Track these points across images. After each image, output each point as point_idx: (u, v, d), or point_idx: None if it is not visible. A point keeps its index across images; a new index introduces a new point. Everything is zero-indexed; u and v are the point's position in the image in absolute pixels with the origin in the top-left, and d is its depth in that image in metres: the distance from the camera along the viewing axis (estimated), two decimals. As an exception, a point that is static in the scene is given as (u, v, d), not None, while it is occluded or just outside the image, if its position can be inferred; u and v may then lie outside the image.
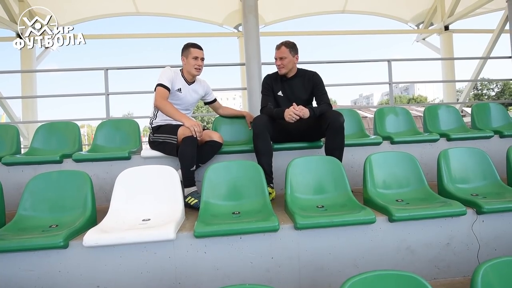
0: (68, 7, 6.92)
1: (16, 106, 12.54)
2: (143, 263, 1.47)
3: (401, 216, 1.56)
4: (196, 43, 2.31)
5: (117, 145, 2.66)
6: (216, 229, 1.45)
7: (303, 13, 8.22)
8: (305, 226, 1.50)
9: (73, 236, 1.48)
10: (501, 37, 6.19)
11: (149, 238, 1.43)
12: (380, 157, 1.97)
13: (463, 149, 2.09)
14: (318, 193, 1.85)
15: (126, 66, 4.25)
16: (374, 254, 1.59)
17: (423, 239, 1.63)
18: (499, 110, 3.21)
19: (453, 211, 1.60)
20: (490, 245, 1.68)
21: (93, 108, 60.66)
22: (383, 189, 1.89)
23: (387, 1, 7.98)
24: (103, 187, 2.31)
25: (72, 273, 1.45)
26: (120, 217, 1.65)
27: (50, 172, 1.81)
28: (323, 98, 2.34)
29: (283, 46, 2.31)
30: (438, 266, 1.63)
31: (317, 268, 1.55)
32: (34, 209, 1.69)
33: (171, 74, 2.23)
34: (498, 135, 2.81)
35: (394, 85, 4.29)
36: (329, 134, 2.14)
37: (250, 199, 1.79)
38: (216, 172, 1.85)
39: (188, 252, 1.50)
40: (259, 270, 1.52)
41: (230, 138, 2.66)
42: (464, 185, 1.97)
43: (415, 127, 3.00)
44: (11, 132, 2.61)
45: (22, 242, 1.39)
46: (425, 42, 8.40)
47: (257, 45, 4.49)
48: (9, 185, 2.24)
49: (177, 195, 1.75)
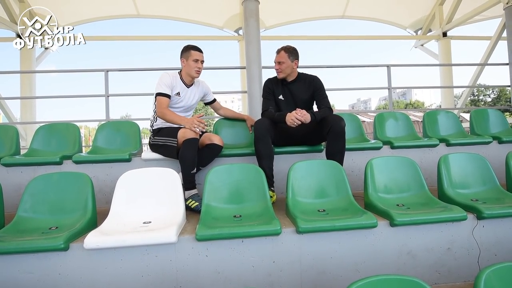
0: (68, 8, 6.92)
1: (15, 107, 12.48)
2: (144, 266, 1.46)
3: (402, 220, 1.57)
4: (197, 46, 2.31)
5: (118, 147, 2.65)
6: (218, 233, 1.45)
7: (303, 18, 8.27)
8: (307, 230, 1.50)
9: (73, 239, 1.47)
10: (498, 44, 6.25)
11: (150, 241, 1.42)
12: (381, 162, 1.97)
13: (463, 155, 2.10)
14: (319, 197, 1.85)
15: (127, 68, 4.25)
16: (376, 258, 1.59)
17: (424, 244, 1.64)
18: (498, 116, 3.24)
19: (454, 216, 1.61)
20: (490, 250, 1.68)
21: (91, 110, 60.50)
22: (384, 193, 1.90)
23: (386, 7, 8.04)
24: (103, 189, 2.30)
25: (72, 276, 1.43)
26: (121, 220, 1.64)
27: (50, 174, 1.80)
28: (323, 102, 2.35)
29: (283, 51, 2.32)
30: (439, 271, 1.63)
31: (319, 272, 1.54)
32: (34, 211, 1.68)
33: (169, 79, 2.23)
34: (497, 141, 2.84)
35: (391, 90, 4.32)
36: (330, 138, 2.15)
37: (252, 202, 1.79)
38: (217, 175, 1.85)
39: (190, 255, 1.49)
40: (260, 274, 1.51)
41: (231, 141, 2.66)
42: (464, 190, 1.98)
43: (415, 132, 3.02)
44: (10, 133, 2.59)
45: (22, 244, 1.38)
46: (423, 48, 8.47)
47: (258, 48, 4.52)
48: (8, 186, 2.22)
49: (178, 197, 1.74)
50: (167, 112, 2.14)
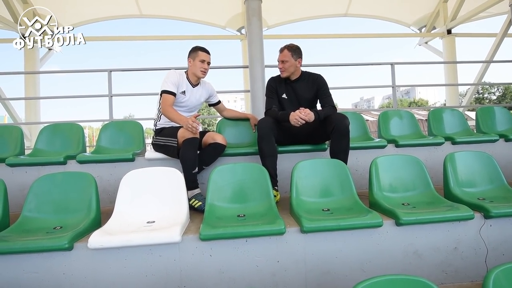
0: (72, 9, 6.96)
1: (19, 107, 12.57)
2: (148, 266, 1.46)
3: (408, 220, 1.55)
4: (205, 48, 2.34)
5: (121, 147, 2.66)
6: (222, 232, 1.44)
7: (306, 16, 8.24)
8: (311, 229, 1.49)
9: (77, 238, 1.47)
10: (504, 40, 6.18)
11: (154, 240, 1.42)
12: (386, 160, 1.95)
13: (470, 153, 2.07)
14: (323, 196, 1.83)
15: (130, 68, 4.25)
16: (381, 258, 1.58)
17: (430, 243, 1.61)
18: (504, 113, 3.19)
19: (461, 215, 1.59)
20: (498, 250, 1.65)
21: (95, 110, 60.87)
22: (389, 192, 1.88)
23: (389, 5, 7.99)
24: (107, 188, 2.30)
25: (76, 276, 1.43)
26: (125, 219, 1.64)
27: (54, 174, 1.80)
28: (327, 101, 2.33)
29: (286, 49, 2.31)
30: (445, 270, 1.61)
31: (324, 272, 1.53)
32: (38, 211, 1.68)
33: (176, 77, 2.24)
34: (504, 139, 2.80)
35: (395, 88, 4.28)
36: (334, 137, 2.13)
37: (256, 201, 1.78)
38: (221, 174, 1.84)
39: (194, 255, 1.48)
40: (265, 274, 1.50)
41: (235, 140, 2.65)
42: (470, 189, 1.95)
43: (420, 130, 2.99)
44: (15, 133, 2.61)
45: (26, 244, 1.38)
46: (427, 46, 8.41)
47: (261, 47, 4.50)
48: (13, 186, 2.23)
49: (182, 197, 1.74)
50: (170, 110, 2.14)
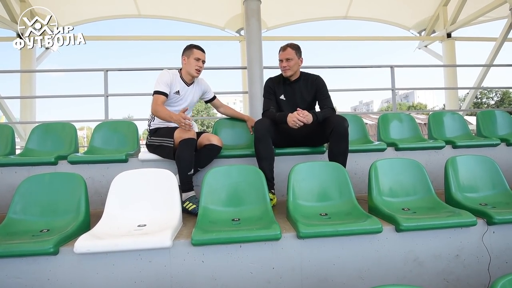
0: (70, 8, 6.91)
1: (15, 107, 12.48)
2: (137, 272, 1.40)
3: (409, 225, 1.49)
4: (199, 45, 2.28)
5: (115, 147, 2.59)
6: (215, 237, 1.38)
7: (305, 18, 8.22)
8: (308, 235, 1.43)
9: (64, 242, 1.41)
10: (504, 45, 6.17)
11: (144, 245, 1.36)
12: (385, 164, 1.90)
13: (471, 157, 2.02)
14: (321, 200, 1.78)
15: (126, 68, 4.20)
16: (381, 265, 1.52)
17: (431, 250, 1.56)
18: (505, 117, 3.15)
19: (463, 222, 1.53)
20: (501, 258, 1.60)
21: (93, 110, 60.73)
22: (389, 197, 1.82)
23: (389, 8, 7.98)
24: (99, 190, 2.24)
25: (62, 281, 1.37)
26: (115, 223, 1.57)
27: (42, 174, 1.74)
28: (326, 102, 2.28)
29: (289, 47, 2.26)
30: (447, 279, 1.56)
31: (321, 279, 1.47)
32: (24, 213, 1.62)
33: (169, 77, 2.19)
34: (505, 143, 2.75)
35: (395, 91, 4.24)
36: (333, 139, 2.08)
37: (251, 205, 1.72)
38: (215, 176, 1.79)
39: (185, 260, 1.42)
40: (259, 281, 1.44)
41: (231, 141, 2.60)
42: (472, 194, 1.90)
43: (420, 134, 2.94)
44: (6, 132, 2.54)
45: (9, 248, 1.32)
46: (427, 49, 8.40)
47: (259, 49, 4.47)
48: (2, 187, 2.17)
49: (174, 200, 1.68)
50: (159, 109, 2.09)
